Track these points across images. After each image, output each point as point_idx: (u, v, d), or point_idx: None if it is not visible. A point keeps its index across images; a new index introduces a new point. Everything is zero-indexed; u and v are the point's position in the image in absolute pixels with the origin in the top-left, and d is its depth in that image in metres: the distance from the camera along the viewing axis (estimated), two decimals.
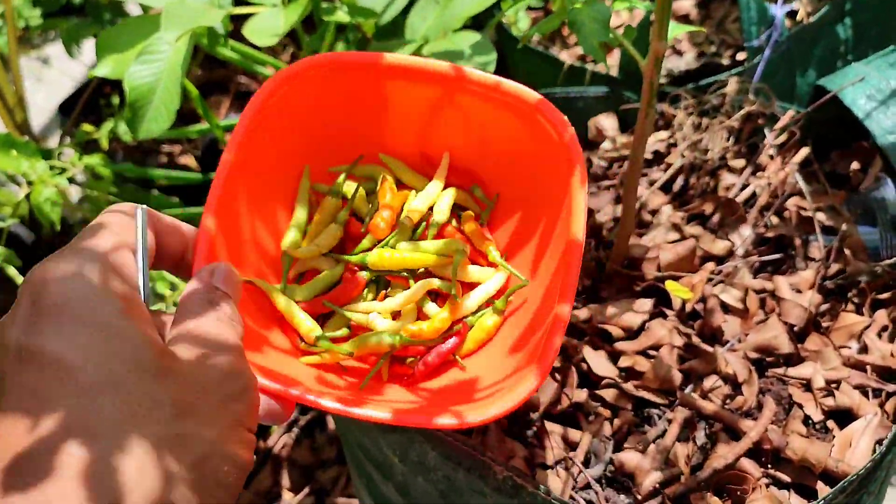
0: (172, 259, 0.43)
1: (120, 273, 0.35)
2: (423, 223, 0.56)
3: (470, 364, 0.51)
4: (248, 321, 0.44)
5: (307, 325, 0.51)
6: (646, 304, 0.65)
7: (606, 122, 0.83)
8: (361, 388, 0.48)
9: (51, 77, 2.28)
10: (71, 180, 1.05)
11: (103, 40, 0.79)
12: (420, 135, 0.57)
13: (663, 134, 0.78)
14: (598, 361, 0.63)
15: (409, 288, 0.54)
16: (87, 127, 1.21)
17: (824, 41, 0.83)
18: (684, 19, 1.03)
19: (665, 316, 0.65)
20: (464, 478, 0.53)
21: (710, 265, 0.67)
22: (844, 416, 0.58)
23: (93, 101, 1.49)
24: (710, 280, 0.66)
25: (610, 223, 0.73)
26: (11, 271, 0.97)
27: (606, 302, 0.66)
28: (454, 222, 0.57)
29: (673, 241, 0.68)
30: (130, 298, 0.35)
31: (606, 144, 0.80)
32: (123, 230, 0.38)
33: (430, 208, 0.56)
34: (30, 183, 1.05)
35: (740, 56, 0.92)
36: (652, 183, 0.76)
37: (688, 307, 0.65)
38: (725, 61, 0.92)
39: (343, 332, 0.52)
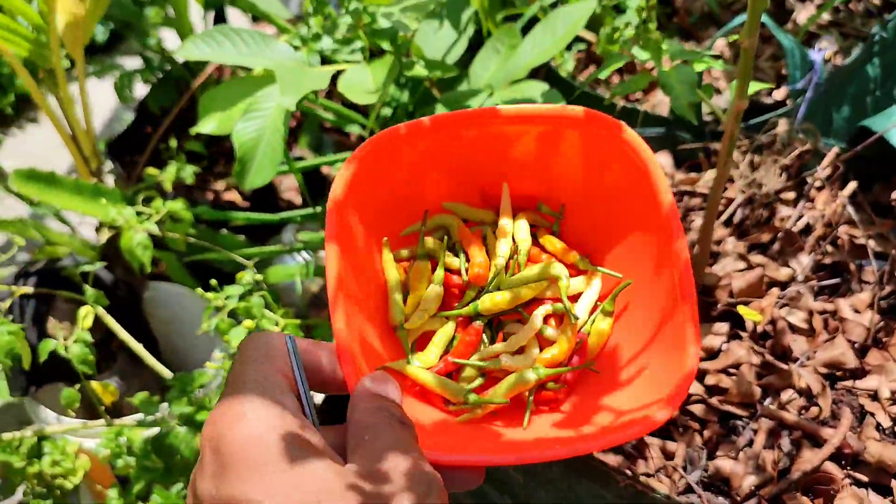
0: (319, 377, 0.44)
1: (283, 404, 0.37)
2: (513, 256, 0.58)
3: (600, 367, 0.53)
4: None
5: (452, 387, 0.52)
6: (723, 327, 0.73)
7: (662, 160, 0.91)
8: (525, 427, 0.50)
9: (81, 116, 2.35)
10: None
11: (206, 100, 0.86)
12: (477, 174, 0.58)
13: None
14: None
15: (519, 320, 0.56)
16: (151, 171, 1.28)
17: (857, 80, 0.92)
18: (717, 57, 1.12)
19: (740, 337, 0.73)
20: (586, 488, 0.60)
21: (776, 290, 0.75)
22: None
23: (138, 142, 1.56)
24: (777, 304, 0.74)
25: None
26: (100, 311, 1.04)
27: None
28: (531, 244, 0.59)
29: (741, 270, 0.76)
30: (300, 430, 0.36)
31: None
32: (273, 359, 0.39)
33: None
34: (110, 227, 1.12)
35: (777, 94, 1.01)
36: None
37: (759, 329, 0.73)
38: (763, 98, 1.00)
39: (479, 381, 0.53)
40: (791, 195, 0.83)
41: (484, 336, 0.55)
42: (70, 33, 1.14)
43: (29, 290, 1.04)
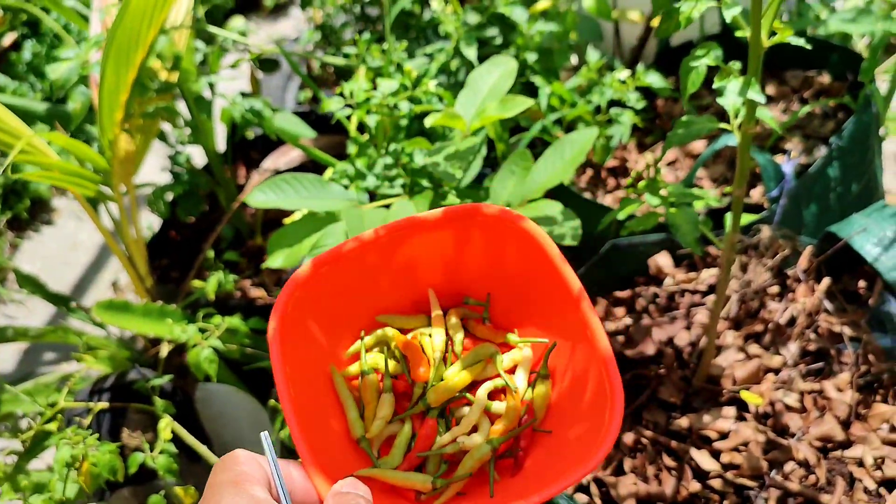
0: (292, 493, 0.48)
1: (253, 489, 0.42)
2: (448, 349, 0.62)
3: (549, 426, 0.59)
4: None
5: (420, 479, 0.56)
6: (730, 410, 0.87)
7: (663, 261, 1.06)
8: (492, 494, 0.55)
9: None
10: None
11: (275, 239, 1.00)
12: (406, 283, 0.64)
13: (714, 270, 1.02)
14: (703, 459, 0.84)
15: (467, 403, 0.61)
16: (197, 283, 1.41)
17: (820, 182, 1.08)
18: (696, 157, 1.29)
19: (746, 419, 0.87)
20: None
21: (771, 375, 0.90)
22: (892, 484, 0.80)
23: (164, 247, 1.70)
24: (773, 387, 0.89)
25: (687, 347, 0.95)
26: (168, 419, 1.16)
27: (700, 411, 0.88)
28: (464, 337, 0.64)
29: (741, 360, 0.91)
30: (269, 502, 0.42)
31: (668, 280, 1.04)
32: (244, 457, 0.45)
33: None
34: (169, 342, 1.25)
35: (753, 192, 1.17)
36: (710, 309, 0.99)
37: (760, 410, 0.88)
38: (747, 199, 1.16)
39: (444, 468, 0.58)
40: (776, 289, 0.98)
41: (439, 426, 0.60)
42: (122, 168, 1.28)
43: (106, 405, 1.16)
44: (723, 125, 0.72)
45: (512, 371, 0.61)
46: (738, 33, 0.67)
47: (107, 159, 1.20)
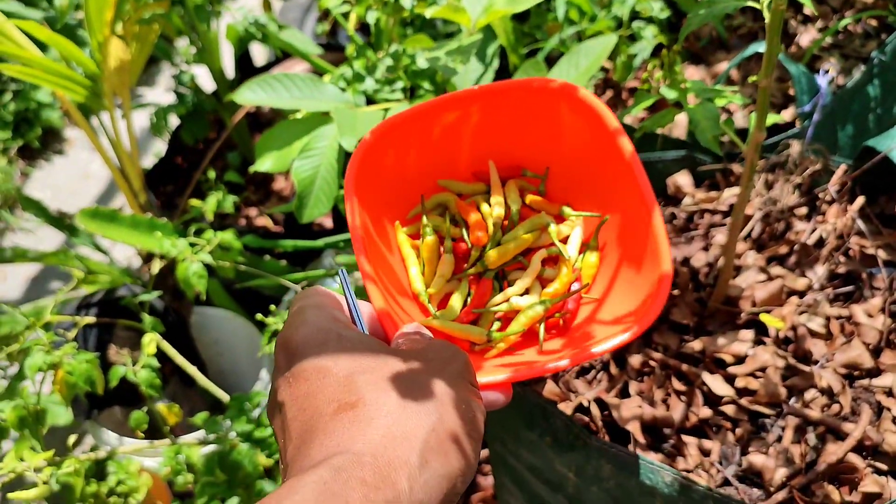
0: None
1: (336, 315, 0.45)
2: (506, 216, 0.66)
3: (597, 294, 0.62)
4: None
5: (475, 331, 0.60)
6: (748, 334, 0.80)
7: (682, 180, 0.98)
8: (542, 347, 0.58)
9: (105, 145, 2.43)
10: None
11: (263, 141, 0.93)
12: (466, 153, 0.66)
13: (736, 189, 0.94)
14: (716, 384, 0.77)
15: (521, 268, 0.64)
16: (195, 202, 1.35)
17: (859, 100, 0.99)
18: (728, 81, 1.19)
19: (764, 343, 0.80)
20: (636, 483, 0.67)
21: (795, 299, 0.82)
22: None
23: (170, 172, 1.64)
24: (797, 311, 0.81)
25: (704, 268, 0.88)
26: (157, 337, 1.11)
27: (715, 334, 0.81)
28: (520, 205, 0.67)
29: (762, 281, 0.83)
30: (349, 324, 0.45)
31: (687, 200, 0.96)
32: (321, 291, 0.48)
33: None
34: (161, 257, 1.19)
35: (785, 114, 1.08)
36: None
37: (781, 335, 0.80)
38: (779, 116, 1.07)
39: (497, 325, 0.61)
40: (804, 210, 0.90)
41: (494, 286, 0.64)
42: (117, 77, 1.22)
43: (91, 320, 1.11)
44: (750, 2, 0.64)
45: (564, 241, 0.64)
46: None
47: (96, 62, 1.14)
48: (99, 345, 1.17)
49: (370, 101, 0.97)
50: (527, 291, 0.63)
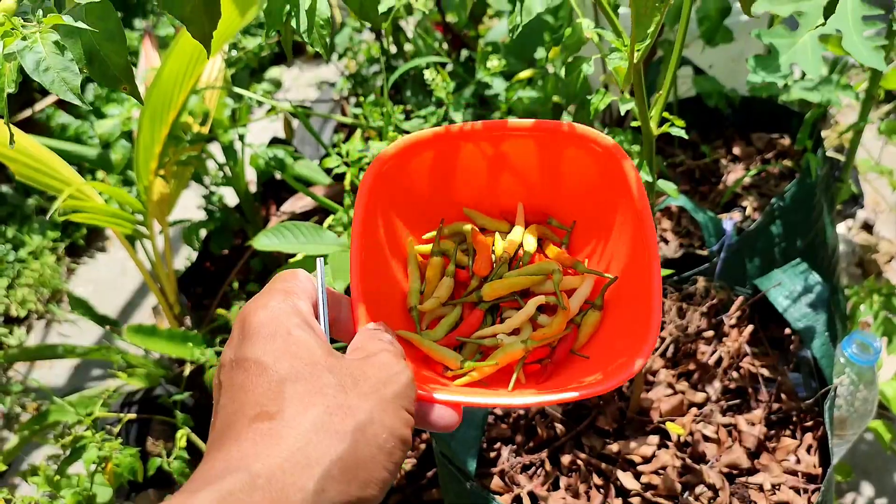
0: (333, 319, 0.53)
1: (300, 306, 0.46)
2: (517, 257, 0.65)
3: (589, 353, 0.60)
4: None
5: (451, 355, 0.60)
6: (654, 439, 1.00)
7: None
8: (510, 389, 0.58)
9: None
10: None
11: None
12: (493, 188, 0.66)
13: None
14: (627, 480, 0.97)
15: (519, 307, 0.62)
16: (221, 311, 1.59)
17: (763, 238, 1.21)
18: (667, 211, 1.42)
19: (667, 446, 1.00)
20: None
21: (694, 409, 1.03)
22: None
23: (200, 276, 1.88)
24: (694, 420, 1.01)
25: (626, 382, 1.08)
26: (185, 430, 1.33)
27: (629, 438, 1.01)
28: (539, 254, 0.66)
29: (668, 395, 1.04)
30: (308, 318, 0.45)
31: None
32: (302, 276, 0.49)
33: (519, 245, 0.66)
34: (191, 363, 1.42)
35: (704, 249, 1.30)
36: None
37: (682, 439, 1.00)
38: (699, 250, 1.29)
39: (478, 357, 0.61)
40: (710, 333, 1.11)
41: (486, 319, 0.63)
42: (158, 208, 1.47)
43: (133, 416, 1.34)
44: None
45: (569, 294, 0.63)
46: (633, 123, 0.81)
47: (142, 202, 1.39)
48: (139, 436, 1.39)
49: None
50: (516, 332, 0.61)
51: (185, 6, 0.58)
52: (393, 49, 1.96)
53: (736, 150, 1.44)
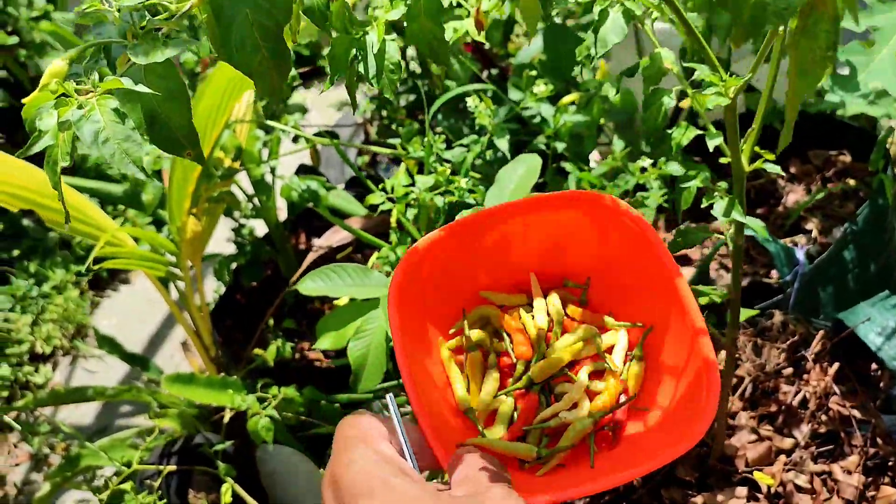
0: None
1: (383, 451, 0.45)
2: (549, 329, 0.66)
3: (643, 403, 0.62)
4: None
5: (524, 448, 0.59)
6: (742, 490, 0.93)
7: None
8: (592, 466, 0.58)
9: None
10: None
11: (322, 323, 1.10)
12: (507, 266, 0.67)
13: (722, 355, 1.08)
14: None
15: (567, 381, 0.63)
16: (258, 351, 1.53)
17: (836, 265, 1.14)
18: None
19: (758, 499, 0.93)
20: None
21: (783, 457, 0.95)
22: None
23: (230, 308, 1.82)
24: (784, 469, 0.94)
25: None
26: (230, 483, 1.27)
27: (714, 490, 0.94)
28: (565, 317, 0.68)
29: (753, 441, 0.97)
30: (398, 462, 0.45)
31: None
32: (368, 416, 0.48)
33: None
34: (231, 409, 1.36)
35: (775, 274, 1.23)
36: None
37: (772, 490, 0.93)
38: (766, 278, 1.22)
39: (545, 441, 0.61)
40: (790, 371, 1.04)
41: (541, 400, 0.63)
42: (191, 247, 1.41)
43: (173, 468, 1.27)
44: (716, 235, 0.80)
45: (609, 351, 0.64)
46: (723, 160, 0.75)
47: (175, 243, 1.33)
48: (179, 488, 1.33)
49: None
50: (575, 405, 0.62)
51: (252, 61, 0.52)
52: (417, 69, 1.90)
53: (792, 169, 1.38)
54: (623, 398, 0.62)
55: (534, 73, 1.31)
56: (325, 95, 3.03)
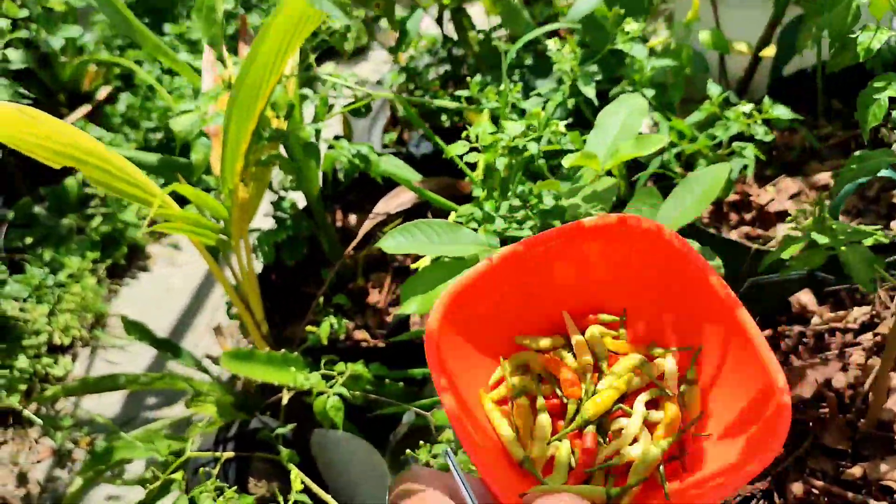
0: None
1: None
2: (595, 367, 0.64)
3: (703, 428, 0.59)
4: None
5: (592, 491, 0.57)
6: None
7: (806, 299, 1.02)
8: (667, 498, 0.55)
9: (183, 260, 2.52)
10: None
11: (408, 286, 0.99)
12: (539, 302, 0.65)
13: (865, 308, 0.97)
14: None
15: (624, 414, 0.61)
16: (310, 328, 1.41)
17: None
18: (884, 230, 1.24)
19: None
20: None
21: None
22: None
23: (266, 287, 1.70)
24: None
25: (846, 389, 0.90)
26: (297, 471, 1.15)
27: (874, 459, 0.83)
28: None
29: None
30: None
31: (815, 319, 0.99)
32: (423, 484, 0.46)
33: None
34: (290, 389, 1.24)
35: None
36: (865, 349, 0.94)
37: None
38: None
39: (610, 480, 0.58)
40: None
41: (599, 439, 0.61)
42: (238, 215, 1.29)
43: (231, 454, 1.16)
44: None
45: (659, 378, 0.62)
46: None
47: (227, 208, 1.21)
48: (237, 477, 1.21)
49: (502, 239, 1.02)
50: (635, 440, 0.60)
51: None
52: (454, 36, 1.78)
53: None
54: (682, 424, 0.60)
55: (622, 10, 1.19)
56: (342, 73, 2.91)
